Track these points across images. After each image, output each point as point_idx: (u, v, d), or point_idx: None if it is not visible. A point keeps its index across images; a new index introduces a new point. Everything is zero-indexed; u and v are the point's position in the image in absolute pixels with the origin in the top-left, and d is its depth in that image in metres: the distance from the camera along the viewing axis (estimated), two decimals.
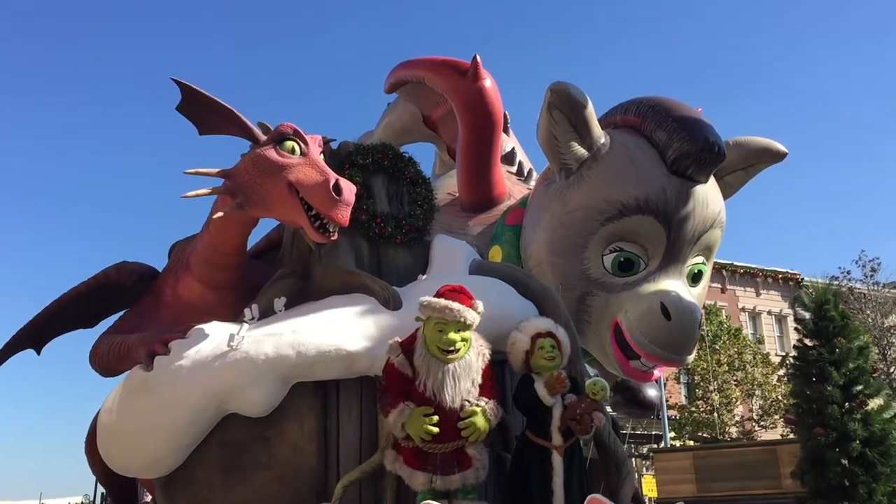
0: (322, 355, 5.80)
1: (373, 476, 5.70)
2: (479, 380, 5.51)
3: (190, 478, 6.15)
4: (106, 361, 7.04)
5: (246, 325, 6.15)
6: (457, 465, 5.35)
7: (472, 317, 5.44)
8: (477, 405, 5.41)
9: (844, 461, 3.49)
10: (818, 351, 3.75)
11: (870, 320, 28.69)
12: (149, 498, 12.75)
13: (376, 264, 6.90)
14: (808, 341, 3.80)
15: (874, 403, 3.62)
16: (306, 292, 6.79)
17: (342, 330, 5.91)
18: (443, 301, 5.43)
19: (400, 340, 5.56)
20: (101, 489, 14.73)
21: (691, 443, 24.40)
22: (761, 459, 4.63)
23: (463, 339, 5.41)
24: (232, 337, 5.97)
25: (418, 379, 5.38)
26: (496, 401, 5.54)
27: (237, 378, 5.82)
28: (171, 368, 6.00)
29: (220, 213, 6.28)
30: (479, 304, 5.54)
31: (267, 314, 6.39)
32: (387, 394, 5.45)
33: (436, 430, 5.26)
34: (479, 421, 5.36)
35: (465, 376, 5.40)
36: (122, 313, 7.68)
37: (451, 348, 5.36)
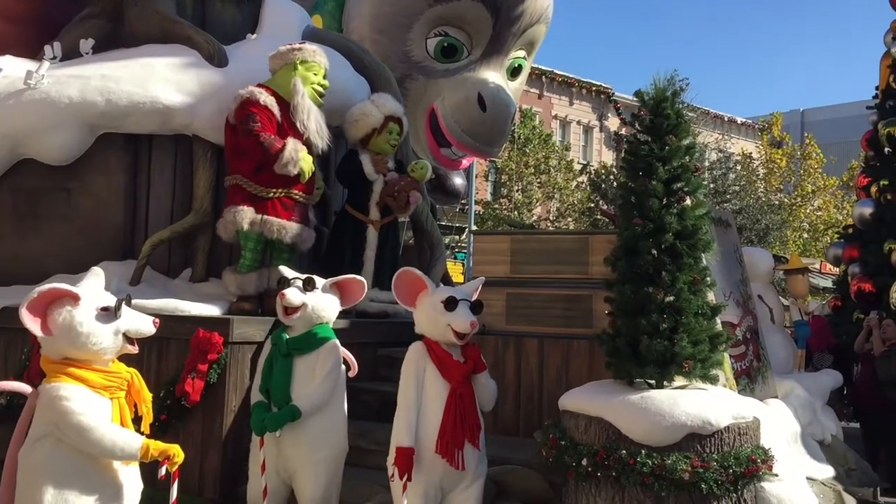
0: (135, 106, 5.36)
1: (184, 238, 5.53)
2: None
3: None
4: None
5: (46, 64, 5.54)
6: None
7: (324, 62, 5.49)
8: None
9: (655, 251, 3.77)
10: (649, 147, 3.92)
11: None
12: None
13: (200, 17, 6.32)
14: (641, 137, 3.95)
15: (691, 200, 3.89)
16: (117, 37, 6.15)
17: (160, 81, 5.45)
18: (314, 45, 5.47)
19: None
20: None
21: None
22: (573, 248, 4.97)
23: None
24: (30, 74, 5.36)
25: (299, 118, 5.20)
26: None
27: (35, 120, 5.31)
28: None
29: None
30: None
31: (71, 56, 5.78)
32: (265, 131, 5.08)
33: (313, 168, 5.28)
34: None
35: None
36: None
37: (325, 91, 5.41)
